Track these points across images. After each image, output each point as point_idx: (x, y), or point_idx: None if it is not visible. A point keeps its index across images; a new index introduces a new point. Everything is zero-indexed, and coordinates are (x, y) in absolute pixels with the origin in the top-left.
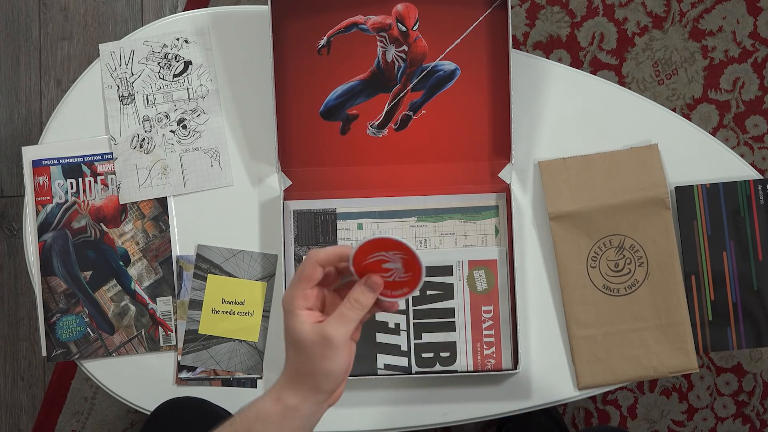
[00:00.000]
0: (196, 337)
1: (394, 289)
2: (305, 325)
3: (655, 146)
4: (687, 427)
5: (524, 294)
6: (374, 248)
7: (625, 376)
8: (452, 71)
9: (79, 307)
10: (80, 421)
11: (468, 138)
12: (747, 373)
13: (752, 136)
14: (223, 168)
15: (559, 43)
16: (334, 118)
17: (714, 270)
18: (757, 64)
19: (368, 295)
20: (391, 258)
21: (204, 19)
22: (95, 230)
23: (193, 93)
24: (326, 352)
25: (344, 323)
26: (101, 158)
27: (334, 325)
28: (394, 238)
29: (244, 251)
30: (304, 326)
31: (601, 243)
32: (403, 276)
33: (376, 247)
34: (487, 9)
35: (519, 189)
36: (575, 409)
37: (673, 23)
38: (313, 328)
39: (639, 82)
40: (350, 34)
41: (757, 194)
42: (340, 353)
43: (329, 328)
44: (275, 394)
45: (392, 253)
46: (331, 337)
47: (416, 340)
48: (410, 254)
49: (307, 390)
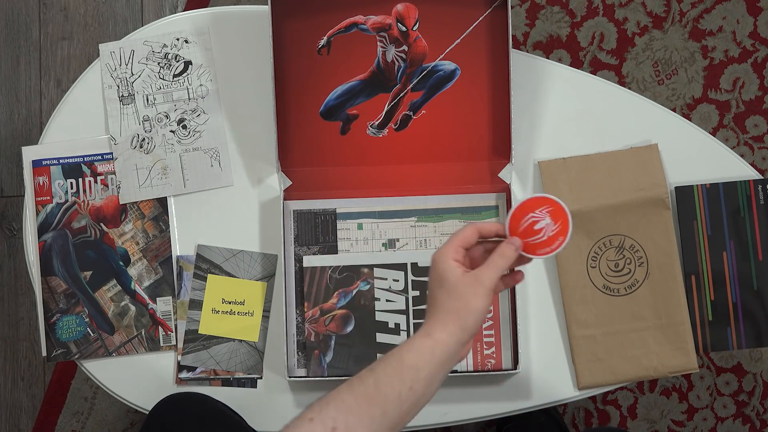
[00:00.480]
0: (196, 337)
1: (552, 243)
2: (457, 270)
3: (655, 146)
4: (687, 427)
5: (524, 294)
6: (523, 213)
7: (625, 376)
8: (452, 71)
9: (79, 307)
10: (80, 421)
11: (468, 138)
12: (747, 373)
13: (752, 136)
14: (223, 168)
15: (559, 43)
16: (334, 118)
17: (714, 270)
18: (757, 64)
19: (513, 250)
20: (540, 216)
21: (204, 19)
22: (95, 230)
23: (193, 93)
24: (477, 290)
25: (493, 269)
26: (101, 158)
27: (485, 269)
28: (535, 196)
29: (244, 251)
30: (456, 271)
31: (601, 243)
32: (554, 229)
33: (523, 212)
34: (487, 9)
35: (519, 189)
36: (575, 409)
37: (673, 23)
38: (465, 272)
39: (639, 82)
40: (350, 34)
41: (757, 194)
42: (487, 294)
43: (481, 272)
44: (424, 330)
45: (539, 210)
46: (483, 278)
47: None
48: (554, 204)
49: (454, 326)
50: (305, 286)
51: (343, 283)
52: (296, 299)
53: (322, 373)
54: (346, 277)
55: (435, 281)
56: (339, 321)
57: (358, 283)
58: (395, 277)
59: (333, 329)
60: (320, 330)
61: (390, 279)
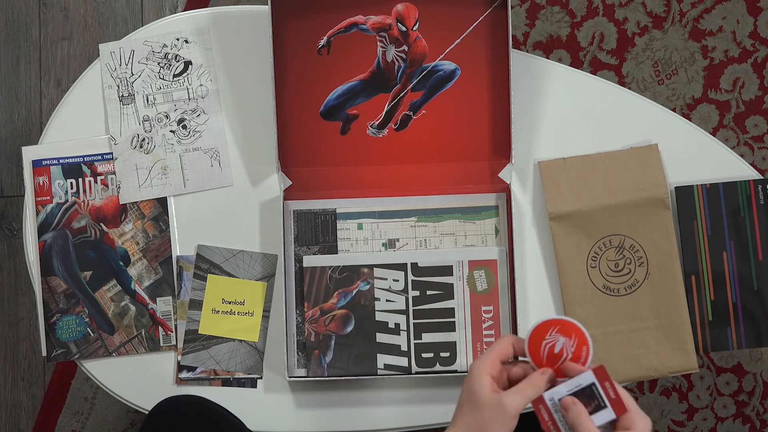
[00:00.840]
0: (196, 337)
1: (580, 357)
2: (487, 389)
3: (655, 146)
4: (687, 427)
5: (524, 294)
6: (537, 345)
7: (625, 376)
8: (452, 71)
9: (79, 307)
10: (80, 421)
11: (468, 138)
12: (747, 373)
13: (752, 136)
14: (223, 168)
15: (559, 43)
16: (334, 118)
17: (714, 270)
18: (757, 64)
19: (544, 381)
20: (553, 339)
21: (204, 19)
22: (95, 230)
23: (193, 93)
24: (498, 416)
25: (521, 397)
26: (101, 158)
27: (511, 396)
28: (535, 326)
29: (244, 251)
30: (485, 389)
31: (601, 243)
32: (573, 344)
33: (537, 344)
34: (487, 9)
35: (519, 189)
36: None
37: (673, 23)
38: (493, 393)
39: (639, 82)
40: (350, 34)
41: (757, 194)
42: (511, 420)
43: (507, 398)
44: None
45: (548, 335)
46: (507, 406)
47: (416, 340)
48: (557, 323)
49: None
50: (305, 286)
51: (343, 283)
52: (296, 299)
53: (322, 373)
54: (346, 277)
55: (466, 392)
56: (339, 321)
57: (358, 283)
58: (395, 277)
59: (333, 329)
60: (320, 330)
61: (390, 279)
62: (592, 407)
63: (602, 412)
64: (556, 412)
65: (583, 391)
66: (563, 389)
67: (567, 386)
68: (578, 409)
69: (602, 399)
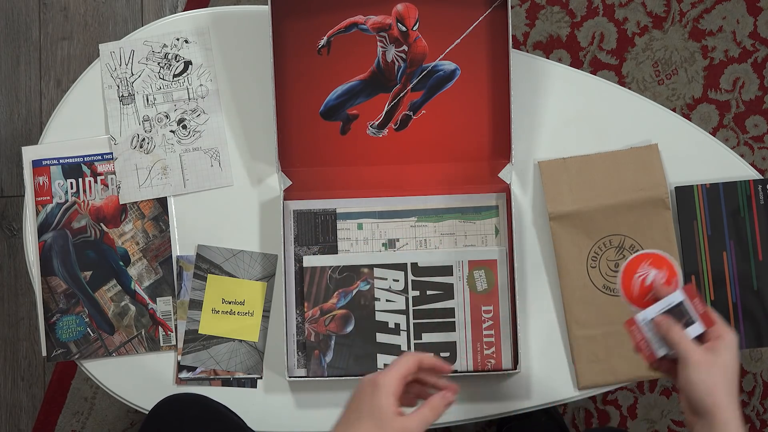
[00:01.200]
0: (196, 337)
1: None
2: (392, 410)
3: (655, 146)
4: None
5: (524, 294)
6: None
7: (625, 376)
8: (452, 71)
9: (79, 307)
10: (80, 421)
11: (468, 138)
12: (747, 373)
13: (752, 136)
14: (223, 168)
15: (559, 43)
16: (334, 118)
17: (714, 270)
18: (757, 64)
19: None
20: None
21: (204, 19)
22: (95, 230)
23: (193, 93)
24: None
25: (422, 423)
26: (101, 158)
27: (415, 421)
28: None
29: (244, 251)
30: (392, 410)
31: (601, 243)
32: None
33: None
34: (487, 9)
35: (519, 189)
36: (575, 409)
37: (673, 23)
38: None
39: (639, 82)
40: (350, 34)
41: (757, 194)
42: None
43: (410, 423)
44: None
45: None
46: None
47: (416, 340)
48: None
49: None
50: (305, 286)
51: (343, 283)
52: (296, 299)
53: (322, 373)
54: (346, 277)
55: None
56: (339, 321)
57: (358, 283)
58: (395, 277)
59: (333, 329)
60: (320, 330)
61: (390, 279)
62: (682, 324)
63: (691, 328)
64: (648, 331)
65: (673, 310)
66: (654, 310)
67: (657, 306)
68: (669, 322)
69: (691, 314)
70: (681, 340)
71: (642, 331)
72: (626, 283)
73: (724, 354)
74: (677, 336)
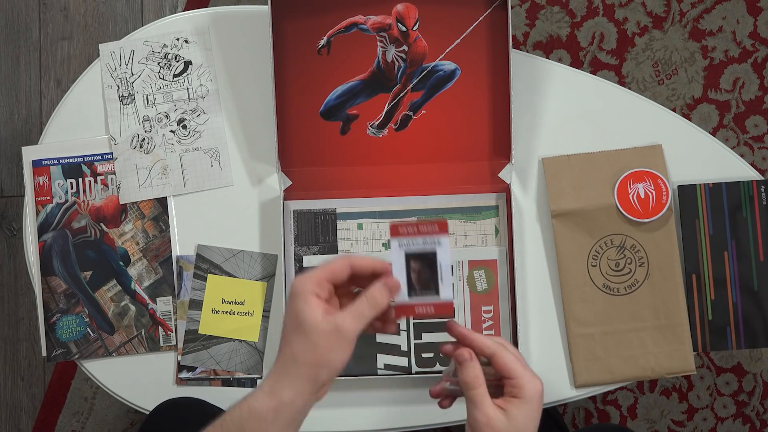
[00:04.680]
0: (196, 337)
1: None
2: (317, 313)
3: (659, 147)
4: (687, 427)
5: (524, 294)
6: None
7: (623, 376)
8: (452, 71)
9: (79, 307)
10: (80, 421)
11: (468, 138)
12: (747, 373)
13: (752, 136)
14: (223, 168)
15: (559, 43)
16: (334, 118)
17: (715, 269)
18: (757, 64)
19: (385, 296)
20: None
21: (204, 19)
22: (95, 230)
23: (193, 93)
24: (334, 343)
25: (358, 318)
26: (101, 158)
27: (348, 318)
28: None
29: (244, 251)
30: (316, 313)
31: (603, 242)
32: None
33: None
34: (487, 9)
35: (519, 189)
36: (575, 409)
37: (673, 23)
38: (325, 317)
39: (639, 82)
40: (350, 34)
41: (759, 195)
42: (347, 347)
43: (343, 321)
44: (269, 387)
45: None
46: (344, 329)
47: (416, 340)
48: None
49: (303, 381)
50: None
51: None
52: None
53: None
54: None
55: (291, 318)
56: None
57: None
58: None
59: None
60: None
61: None
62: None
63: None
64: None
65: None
66: None
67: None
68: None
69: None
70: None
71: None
72: None
73: (518, 416)
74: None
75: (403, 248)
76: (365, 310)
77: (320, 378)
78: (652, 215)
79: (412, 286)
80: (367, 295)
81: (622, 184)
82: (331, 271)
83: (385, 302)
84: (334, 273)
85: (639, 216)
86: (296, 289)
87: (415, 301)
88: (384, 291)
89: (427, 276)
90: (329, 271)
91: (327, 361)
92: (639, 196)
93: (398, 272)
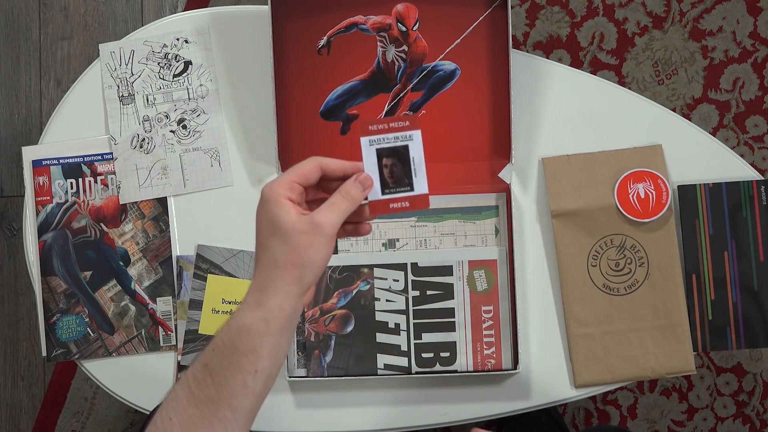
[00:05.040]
0: (196, 337)
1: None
2: (291, 213)
3: (659, 147)
4: (687, 427)
5: (524, 294)
6: None
7: (623, 376)
8: (452, 71)
9: (79, 307)
10: (80, 421)
11: (468, 138)
12: (747, 373)
13: (752, 136)
14: (223, 168)
15: (559, 43)
16: (334, 118)
17: (715, 269)
18: (757, 64)
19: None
20: None
21: (204, 19)
22: (95, 230)
23: (193, 93)
24: (314, 240)
25: (335, 212)
26: (101, 158)
27: (324, 213)
28: None
29: (244, 251)
30: (291, 214)
31: (603, 242)
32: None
33: None
34: (487, 9)
35: (519, 189)
36: (575, 409)
37: (673, 23)
38: (300, 216)
39: (639, 82)
40: (350, 34)
41: (759, 195)
42: (328, 243)
43: (319, 217)
44: (253, 300)
45: None
46: (322, 225)
47: (416, 340)
48: None
49: (288, 284)
50: None
51: (343, 283)
52: None
53: (322, 373)
54: (346, 277)
55: (265, 225)
56: (339, 321)
57: (358, 283)
58: (395, 277)
59: (333, 329)
60: (320, 330)
61: (390, 279)
62: None
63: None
64: None
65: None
66: None
67: None
68: None
69: None
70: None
71: None
72: None
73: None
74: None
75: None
76: (340, 203)
77: (304, 279)
78: (652, 215)
79: (385, 182)
80: (340, 190)
81: (622, 184)
82: (302, 174)
83: (360, 196)
84: (305, 175)
85: (639, 216)
86: (267, 195)
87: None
88: (357, 186)
89: (400, 171)
90: (299, 174)
91: (309, 260)
92: (639, 196)
93: (370, 170)
